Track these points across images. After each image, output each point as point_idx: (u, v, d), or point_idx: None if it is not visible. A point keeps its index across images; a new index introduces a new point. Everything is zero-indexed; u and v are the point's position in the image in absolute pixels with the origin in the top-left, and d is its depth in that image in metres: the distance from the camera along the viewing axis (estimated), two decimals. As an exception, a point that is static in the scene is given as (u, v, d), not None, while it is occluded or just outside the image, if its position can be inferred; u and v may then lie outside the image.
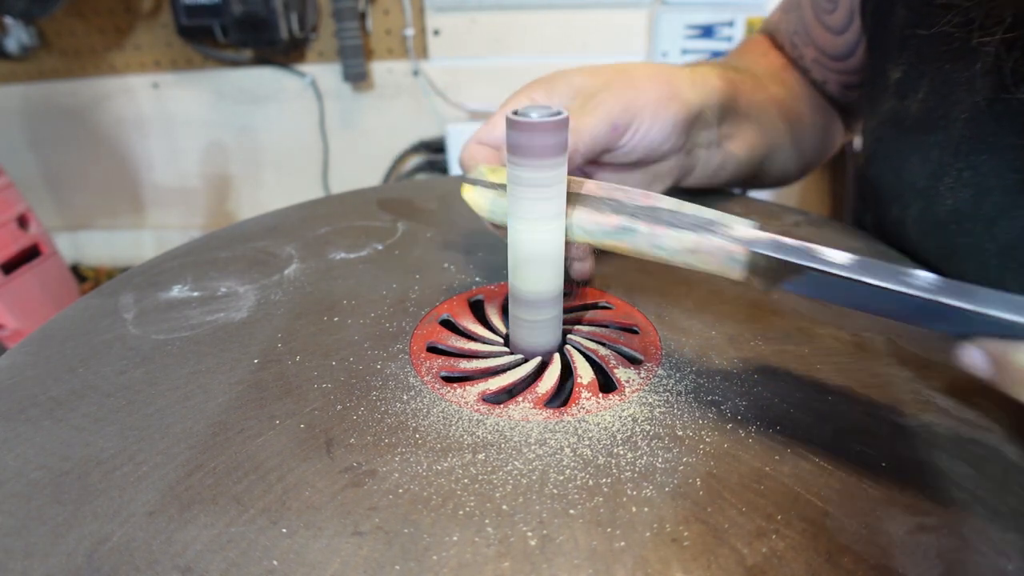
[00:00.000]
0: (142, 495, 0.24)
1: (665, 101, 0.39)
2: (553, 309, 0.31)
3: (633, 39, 1.46)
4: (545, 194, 0.28)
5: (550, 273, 0.30)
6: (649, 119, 0.38)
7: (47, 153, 1.73)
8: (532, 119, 0.27)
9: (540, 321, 0.31)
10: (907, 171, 0.42)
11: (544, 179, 0.28)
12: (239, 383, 0.30)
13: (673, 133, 0.40)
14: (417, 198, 0.53)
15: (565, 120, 0.27)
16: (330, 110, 1.60)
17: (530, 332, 0.32)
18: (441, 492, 0.24)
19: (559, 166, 0.28)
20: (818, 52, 0.55)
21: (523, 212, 0.29)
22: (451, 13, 1.46)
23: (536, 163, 0.27)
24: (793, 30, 0.57)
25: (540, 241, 0.29)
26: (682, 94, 0.40)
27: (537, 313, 0.31)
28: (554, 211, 0.29)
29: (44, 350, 0.33)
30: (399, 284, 0.39)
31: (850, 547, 0.22)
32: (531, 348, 0.32)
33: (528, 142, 0.27)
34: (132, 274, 0.41)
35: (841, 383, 0.30)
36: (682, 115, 0.40)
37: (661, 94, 0.39)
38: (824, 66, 0.55)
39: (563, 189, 0.29)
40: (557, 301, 0.31)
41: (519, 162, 0.27)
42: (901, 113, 0.43)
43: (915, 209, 0.42)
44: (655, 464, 0.25)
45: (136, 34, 1.56)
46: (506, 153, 0.28)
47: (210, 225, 1.78)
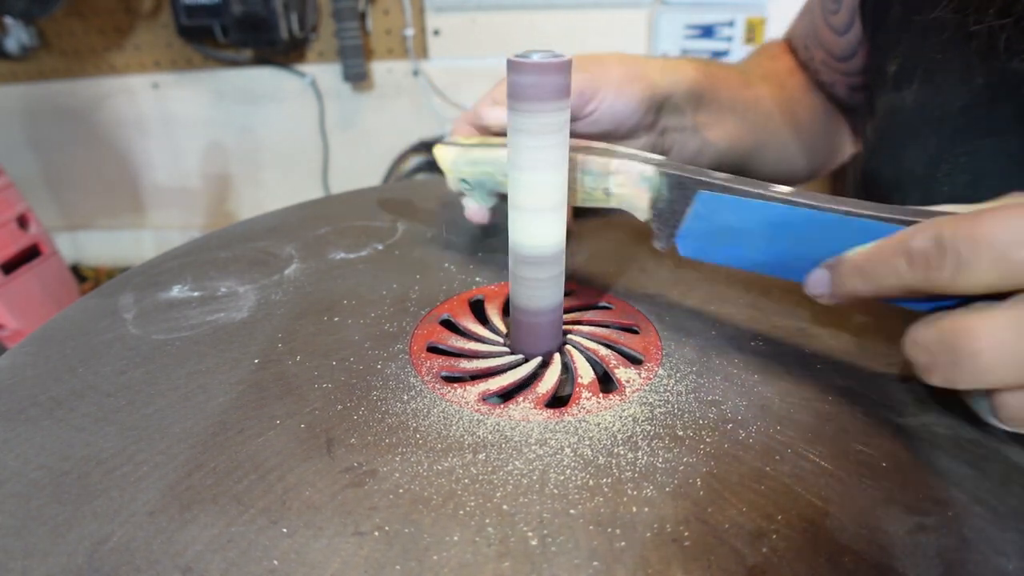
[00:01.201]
0: (142, 495, 0.24)
1: (631, 79, 0.42)
2: (555, 267, 0.31)
3: (633, 39, 1.46)
4: (546, 141, 0.27)
5: (552, 225, 0.29)
6: (614, 93, 0.41)
7: (47, 153, 1.73)
8: (534, 59, 0.26)
9: (542, 279, 0.30)
10: (906, 161, 0.43)
11: (545, 124, 0.27)
12: (239, 383, 0.30)
13: (639, 109, 0.42)
14: (417, 198, 0.53)
15: (568, 62, 0.27)
16: (330, 110, 1.60)
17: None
18: (442, 492, 0.24)
19: (561, 111, 0.27)
20: (825, 54, 0.56)
21: (524, 161, 0.28)
22: (451, 13, 1.46)
23: (537, 107, 0.26)
24: (805, 33, 0.59)
25: (542, 186, 0.28)
26: (649, 76, 0.43)
27: (539, 270, 0.30)
28: (556, 159, 0.28)
29: (44, 350, 0.33)
30: (399, 284, 0.39)
31: (850, 547, 0.22)
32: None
33: (529, 82, 0.26)
34: (132, 274, 0.41)
35: (841, 383, 0.30)
36: (647, 93, 0.42)
37: (627, 73, 0.42)
38: (831, 67, 0.57)
39: (565, 137, 0.28)
40: (559, 258, 0.31)
41: (521, 107, 0.27)
42: (898, 104, 0.44)
43: (914, 198, 0.43)
44: (655, 464, 0.25)
45: (136, 34, 1.56)
46: (507, 101, 0.27)
47: (210, 225, 1.78)
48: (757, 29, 1.40)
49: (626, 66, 0.42)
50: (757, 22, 1.39)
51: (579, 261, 0.42)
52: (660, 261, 0.42)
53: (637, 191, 0.32)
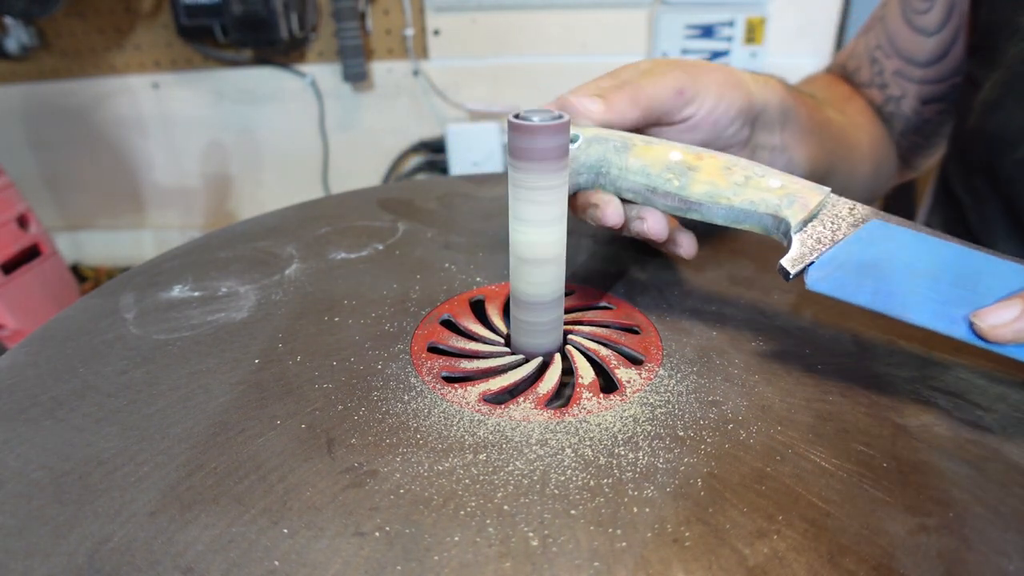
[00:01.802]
0: (143, 495, 0.24)
1: (731, 85, 0.39)
2: (554, 311, 0.31)
3: (633, 39, 1.46)
4: (546, 197, 0.28)
5: (551, 276, 0.30)
6: (715, 97, 0.38)
7: (47, 153, 1.73)
8: (534, 122, 0.26)
9: (541, 323, 0.31)
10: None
11: (546, 183, 0.28)
12: (240, 383, 0.30)
13: (738, 118, 0.39)
14: (417, 198, 0.53)
15: (566, 124, 0.27)
16: (330, 110, 1.60)
17: (531, 334, 0.32)
18: (442, 492, 0.24)
19: (561, 170, 0.28)
20: (903, 62, 0.56)
21: (525, 215, 0.29)
22: (451, 13, 1.46)
23: (538, 166, 0.27)
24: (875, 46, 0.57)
25: (541, 244, 0.29)
26: (746, 84, 0.40)
27: (538, 315, 0.31)
28: (555, 214, 0.29)
29: (44, 350, 0.33)
30: (400, 284, 0.39)
31: (851, 547, 0.22)
32: (532, 348, 0.32)
33: (529, 145, 0.27)
34: (132, 274, 0.41)
35: (841, 383, 0.30)
36: (746, 103, 0.39)
37: (727, 78, 0.39)
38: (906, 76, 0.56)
39: (564, 193, 0.29)
40: (558, 304, 0.31)
41: (521, 165, 0.27)
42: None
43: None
44: (656, 464, 0.25)
45: (136, 34, 1.56)
46: (507, 157, 0.28)
47: (210, 225, 1.78)
48: (757, 29, 1.39)
49: (723, 72, 0.39)
50: (757, 22, 1.39)
51: (579, 261, 0.42)
52: (660, 261, 0.42)
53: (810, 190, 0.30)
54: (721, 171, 0.31)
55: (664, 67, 0.37)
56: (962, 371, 0.31)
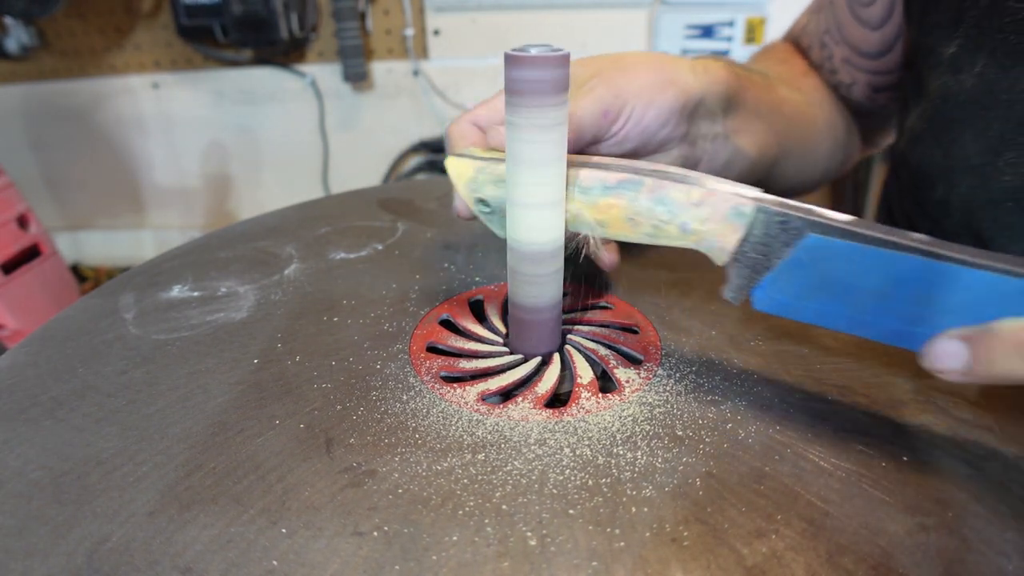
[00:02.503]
0: (142, 495, 0.24)
1: (660, 85, 0.37)
2: (553, 263, 0.30)
3: (633, 39, 1.46)
4: (546, 136, 0.27)
5: (550, 221, 0.29)
6: (643, 105, 0.37)
7: (47, 153, 1.73)
8: (531, 53, 0.26)
9: (541, 275, 0.30)
10: (958, 148, 0.41)
11: (544, 119, 0.27)
12: (239, 383, 0.30)
13: (671, 119, 0.38)
14: (417, 198, 0.53)
15: (565, 56, 0.26)
16: (330, 110, 1.60)
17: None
18: (441, 492, 0.24)
19: (560, 105, 0.27)
20: (850, 51, 0.54)
21: (522, 155, 0.28)
22: (451, 13, 1.46)
23: (536, 101, 0.26)
24: (824, 29, 0.55)
25: (540, 184, 0.28)
26: (679, 80, 0.38)
27: (538, 266, 0.30)
28: (554, 154, 0.28)
29: (44, 350, 0.33)
30: (399, 284, 0.39)
31: (850, 547, 0.22)
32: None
33: (528, 76, 0.26)
34: (132, 274, 0.41)
35: (841, 383, 0.30)
36: (680, 101, 0.38)
37: (655, 79, 0.37)
38: (855, 66, 0.54)
39: (564, 132, 0.28)
40: (557, 254, 0.30)
41: (519, 101, 0.26)
42: (954, 88, 0.41)
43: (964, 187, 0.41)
44: (655, 464, 0.25)
45: (136, 34, 1.56)
46: (505, 96, 0.27)
47: (210, 225, 1.78)
48: (757, 29, 1.40)
49: (654, 71, 0.38)
50: (757, 22, 1.39)
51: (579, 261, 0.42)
52: (660, 261, 0.42)
53: (726, 228, 0.27)
54: (626, 224, 0.29)
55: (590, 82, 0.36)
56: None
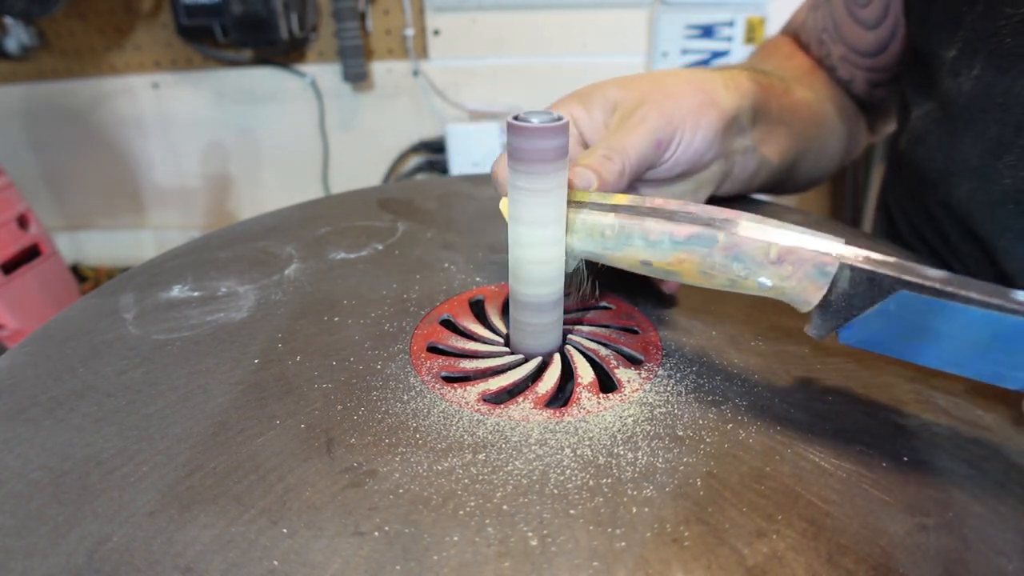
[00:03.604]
0: (142, 495, 0.24)
1: (704, 108, 0.38)
2: (553, 313, 0.31)
3: (633, 39, 1.46)
4: (545, 199, 0.28)
5: (550, 277, 0.30)
6: (691, 130, 0.37)
7: (47, 153, 1.73)
8: (532, 124, 0.26)
9: (541, 324, 0.31)
10: (958, 151, 0.41)
11: (544, 184, 0.27)
12: (239, 383, 0.30)
13: (715, 140, 0.39)
14: (417, 198, 0.53)
15: (565, 125, 0.27)
16: (330, 110, 1.60)
17: (530, 334, 0.32)
18: (441, 492, 0.24)
19: (559, 171, 0.28)
20: (847, 49, 0.54)
21: (523, 216, 0.29)
22: (451, 13, 1.46)
23: (536, 168, 0.27)
24: (821, 27, 0.56)
25: (540, 245, 0.29)
26: (718, 99, 0.39)
27: (538, 317, 0.31)
28: (554, 216, 0.29)
29: (44, 350, 0.33)
30: (399, 284, 0.39)
31: (850, 547, 0.22)
32: (531, 348, 0.32)
33: (528, 146, 0.27)
34: (132, 274, 0.41)
35: (841, 383, 0.30)
36: (721, 121, 0.38)
37: (699, 101, 0.38)
38: (852, 64, 0.55)
39: (564, 194, 0.28)
40: (557, 304, 0.31)
41: (520, 167, 0.27)
42: (954, 91, 0.42)
43: (964, 189, 0.41)
44: (655, 464, 0.25)
45: (136, 34, 1.56)
46: (507, 158, 0.28)
47: (210, 225, 1.78)
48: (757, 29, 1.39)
49: (695, 92, 0.38)
50: (757, 22, 1.39)
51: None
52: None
53: (809, 285, 0.26)
54: (700, 276, 0.28)
55: (640, 111, 0.36)
56: None
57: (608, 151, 0.34)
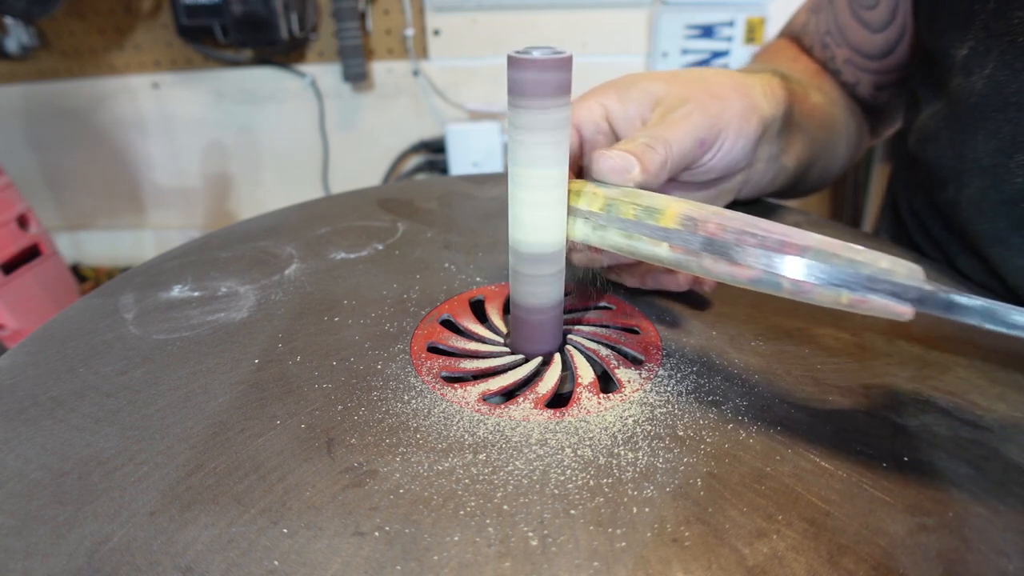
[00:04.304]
0: (143, 495, 0.24)
1: (747, 115, 0.37)
2: (554, 264, 0.30)
3: (633, 39, 1.46)
4: (546, 138, 0.27)
5: (552, 222, 0.29)
6: (733, 135, 0.36)
7: (47, 153, 1.73)
8: (533, 56, 0.26)
9: (543, 276, 0.30)
10: (969, 149, 0.41)
11: (545, 121, 0.26)
12: (240, 383, 0.30)
13: (751, 150, 0.38)
14: (417, 198, 0.53)
15: (568, 59, 0.26)
16: (330, 110, 1.60)
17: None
18: (442, 492, 0.24)
19: (561, 108, 0.26)
20: (852, 52, 0.54)
21: (523, 157, 0.27)
22: (451, 13, 1.46)
23: (537, 103, 0.26)
24: (825, 30, 0.55)
25: (542, 188, 0.28)
26: (759, 106, 0.38)
27: (538, 268, 0.30)
28: (557, 156, 0.27)
29: (44, 350, 0.33)
30: (399, 284, 0.39)
31: (851, 547, 0.22)
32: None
33: (528, 78, 0.26)
34: (132, 274, 0.41)
35: (841, 383, 0.30)
36: (760, 130, 0.38)
37: (744, 107, 0.37)
38: (857, 66, 0.54)
39: (567, 134, 0.27)
40: (558, 257, 0.30)
41: (520, 102, 0.26)
42: (966, 91, 0.42)
43: (974, 189, 0.41)
44: (656, 464, 0.25)
45: (136, 34, 1.56)
46: (508, 98, 0.27)
47: (210, 225, 1.78)
48: (757, 29, 1.40)
49: (743, 97, 0.37)
50: (757, 22, 1.39)
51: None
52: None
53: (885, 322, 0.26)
54: None
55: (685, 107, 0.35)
56: (962, 371, 0.31)
57: (651, 140, 0.32)
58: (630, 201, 0.28)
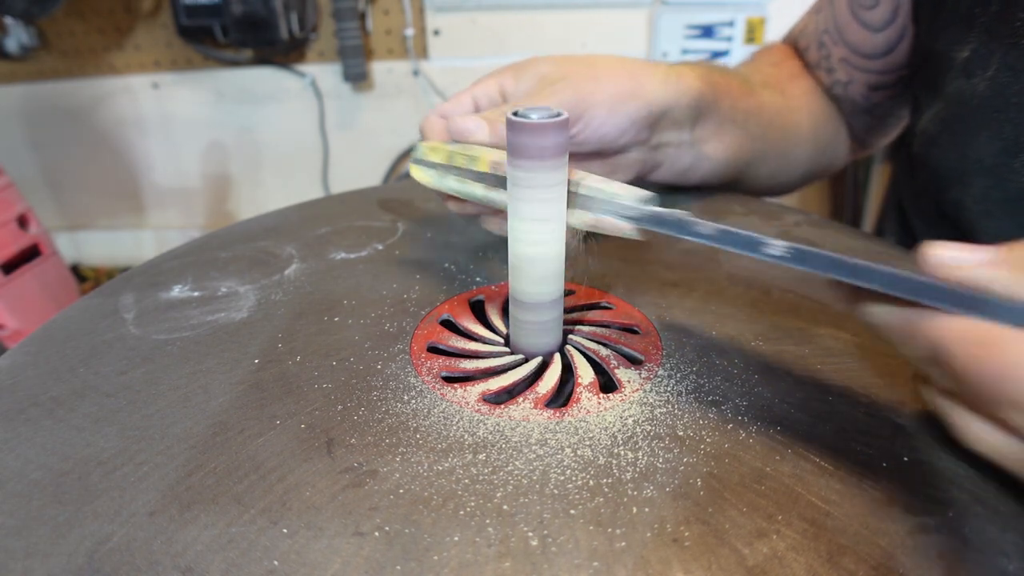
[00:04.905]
0: (143, 495, 0.24)
1: (624, 97, 0.39)
2: (553, 311, 0.31)
3: (633, 39, 1.46)
4: (545, 195, 0.28)
5: (550, 274, 0.30)
6: (603, 113, 0.39)
7: (47, 153, 1.73)
8: (532, 120, 0.26)
9: (541, 323, 0.31)
10: (973, 150, 0.42)
11: (544, 180, 0.27)
12: (239, 383, 0.30)
13: (630, 129, 0.40)
14: (417, 198, 0.53)
15: (565, 121, 0.27)
16: (330, 110, 1.59)
17: (531, 334, 0.32)
18: (442, 492, 0.24)
19: (560, 167, 0.28)
20: (848, 51, 0.54)
21: (523, 213, 0.29)
22: (451, 13, 1.46)
23: (536, 164, 0.27)
24: (823, 29, 0.56)
25: (540, 243, 0.29)
26: (645, 91, 0.40)
27: (538, 315, 0.31)
28: (555, 212, 0.29)
29: (44, 350, 0.33)
30: (399, 284, 0.39)
31: (850, 547, 0.22)
32: (532, 348, 0.32)
33: (528, 143, 0.27)
34: (132, 274, 0.41)
35: (841, 383, 0.30)
36: (641, 112, 0.40)
37: (621, 89, 0.39)
38: (853, 65, 0.55)
39: (564, 190, 0.28)
40: (557, 303, 0.31)
41: (519, 164, 0.27)
42: (968, 92, 0.42)
43: (978, 189, 0.42)
44: (656, 464, 0.25)
45: (136, 34, 1.56)
46: (507, 157, 0.28)
47: (210, 225, 1.78)
48: (757, 29, 1.40)
49: (621, 81, 0.40)
50: (757, 22, 1.39)
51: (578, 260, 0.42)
52: (660, 261, 0.42)
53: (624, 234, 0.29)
54: None
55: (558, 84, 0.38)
56: None
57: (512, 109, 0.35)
58: (463, 153, 0.34)
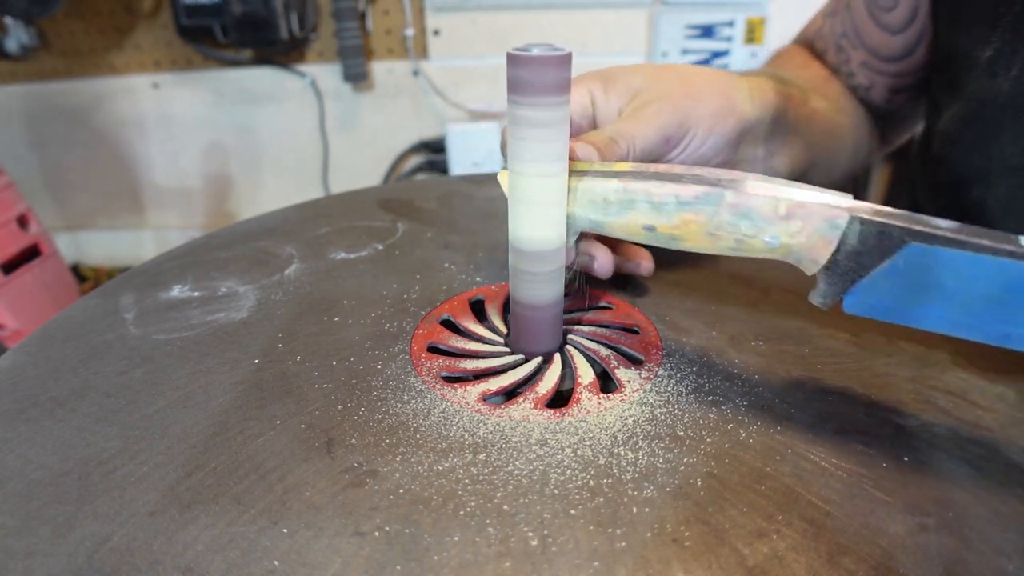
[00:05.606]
0: (143, 495, 0.24)
1: (723, 115, 0.37)
2: (554, 262, 0.30)
3: (633, 39, 1.46)
4: (546, 135, 0.27)
5: (551, 219, 0.29)
6: (703, 133, 0.37)
7: (47, 153, 1.73)
8: (533, 53, 0.26)
9: (542, 273, 0.30)
10: (997, 150, 0.42)
11: (545, 118, 0.27)
12: (240, 383, 0.30)
13: (725, 148, 0.38)
14: (417, 198, 0.53)
15: (567, 56, 0.26)
16: (330, 110, 1.60)
17: (531, 288, 0.31)
18: (442, 492, 0.24)
19: (561, 105, 0.27)
20: (868, 54, 0.54)
21: (523, 154, 0.27)
22: (451, 13, 1.46)
23: (537, 100, 0.26)
24: (840, 33, 0.55)
25: (541, 185, 0.28)
26: (739, 108, 0.38)
27: (539, 264, 0.30)
28: (556, 153, 0.28)
29: (44, 350, 0.33)
30: (399, 284, 0.39)
31: (851, 547, 0.22)
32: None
33: (528, 76, 0.26)
34: (132, 274, 0.41)
35: (841, 383, 0.30)
36: (737, 130, 0.38)
37: (720, 107, 0.37)
38: (874, 69, 0.54)
39: (565, 130, 0.27)
40: (558, 254, 0.30)
41: (520, 99, 0.26)
42: (991, 92, 0.42)
43: (1003, 188, 0.42)
44: (656, 464, 0.25)
45: (136, 34, 1.56)
46: (507, 95, 0.27)
47: (210, 225, 1.78)
48: (757, 29, 1.40)
49: (718, 97, 0.37)
50: (757, 22, 1.39)
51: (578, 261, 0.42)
52: (660, 261, 0.42)
53: (818, 241, 0.25)
54: (705, 238, 0.27)
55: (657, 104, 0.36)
56: (962, 371, 0.31)
57: (616, 134, 0.33)
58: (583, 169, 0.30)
